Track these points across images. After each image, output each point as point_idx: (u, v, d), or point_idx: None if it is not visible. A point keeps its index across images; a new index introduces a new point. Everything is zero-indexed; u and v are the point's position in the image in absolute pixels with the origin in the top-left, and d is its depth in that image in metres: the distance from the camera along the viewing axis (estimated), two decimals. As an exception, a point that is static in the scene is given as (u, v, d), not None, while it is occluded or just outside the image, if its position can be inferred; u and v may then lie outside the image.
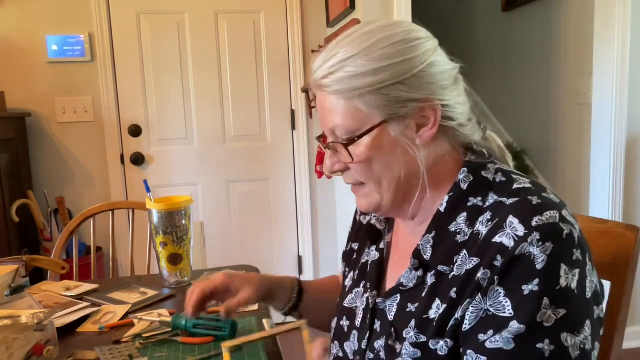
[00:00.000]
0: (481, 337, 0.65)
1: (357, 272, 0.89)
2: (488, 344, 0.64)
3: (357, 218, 0.97)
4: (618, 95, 2.24)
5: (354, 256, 0.93)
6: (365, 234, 0.92)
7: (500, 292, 0.65)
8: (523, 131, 3.11)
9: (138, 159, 2.80)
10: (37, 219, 2.57)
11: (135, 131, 2.78)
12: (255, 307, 1.15)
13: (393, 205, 0.77)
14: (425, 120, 0.72)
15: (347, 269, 0.96)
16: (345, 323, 0.86)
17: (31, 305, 1.12)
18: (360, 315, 0.83)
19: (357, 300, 0.85)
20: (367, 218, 0.93)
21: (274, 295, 0.97)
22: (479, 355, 0.65)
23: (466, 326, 0.66)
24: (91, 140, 2.75)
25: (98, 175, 2.78)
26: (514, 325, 0.63)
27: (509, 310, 0.64)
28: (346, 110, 0.71)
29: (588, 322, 0.64)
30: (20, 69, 2.63)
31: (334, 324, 0.89)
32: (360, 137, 0.72)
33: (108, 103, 2.72)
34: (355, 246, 0.94)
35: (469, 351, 0.66)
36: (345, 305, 0.87)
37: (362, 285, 0.86)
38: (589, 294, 0.65)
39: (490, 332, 0.64)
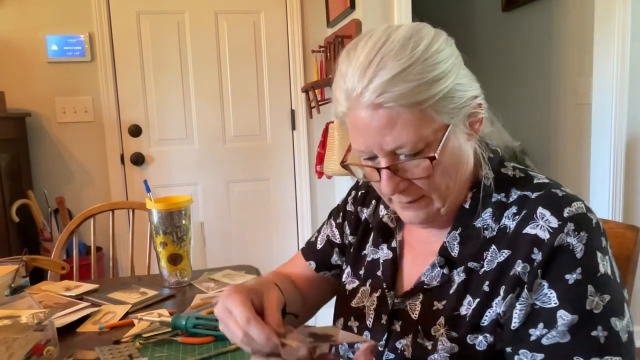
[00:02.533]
0: (532, 331, 0.65)
1: (362, 270, 0.88)
2: (544, 341, 0.64)
3: (352, 207, 0.94)
4: (618, 95, 2.24)
5: (352, 251, 0.92)
6: (366, 229, 0.90)
7: (545, 285, 0.65)
8: (523, 131, 3.10)
9: (138, 159, 2.80)
10: (37, 219, 2.57)
11: (135, 131, 2.78)
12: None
13: (449, 210, 0.74)
14: (475, 116, 0.71)
15: (343, 264, 0.94)
16: (354, 324, 0.84)
17: (31, 305, 1.12)
18: (372, 315, 0.81)
19: (365, 299, 0.84)
20: (366, 211, 0.91)
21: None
22: (534, 354, 0.65)
23: (515, 324, 0.67)
24: (91, 140, 2.75)
25: (98, 175, 2.78)
26: (566, 317, 0.63)
27: (554, 300, 0.64)
28: (417, 122, 0.65)
29: (625, 305, 0.66)
30: (20, 69, 2.62)
31: (339, 325, 0.88)
32: (439, 147, 0.66)
33: (108, 103, 2.72)
34: (353, 239, 0.92)
35: (522, 350, 0.66)
36: (353, 305, 0.85)
37: (368, 284, 0.85)
38: (618, 279, 0.68)
39: (541, 325, 0.65)
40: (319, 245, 0.99)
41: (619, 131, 2.26)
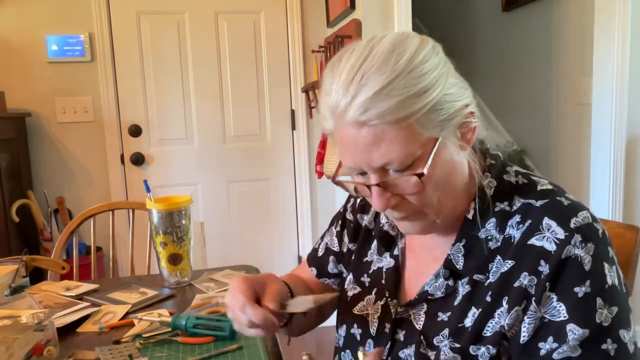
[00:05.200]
0: (541, 345, 0.65)
1: (365, 278, 0.87)
2: (555, 356, 0.64)
3: (351, 216, 0.94)
4: (618, 95, 2.24)
5: (352, 257, 0.91)
6: (366, 236, 0.90)
7: (553, 298, 0.65)
8: (523, 131, 3.11)
9: (138, 159, 2.80)
10: (37, 219, 2.57)
11: (135, 131, 2.78)
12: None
13: (445, 220, 0.72)
14: (466, 126, 0.69)
15: (345, 272, 0.94)
16: (357, 331, 0.84)
17: (31, 305, 1.12)
18: (376, 324, 0.81)
19: (369, 307, 0.83)
20: (366, 218, 0.91)
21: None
22: None
23: (524, 338, 0.66)
24: (91, 140, 2.75)
25: (98, 175, 2.78)
26: (577, 331, 0.63)
27: (563, 314, 0.64)
28: (404, 138, 0.63)
29: (631, 316, 0.66)
30: (20, 69, 2.62)
31: (342, 332, 0.87)
32: (428, 161, 0.64)
33: (108, 103, 2.72)
34: (353, 247, 0.92)
35: None
36: (356, 312, 0.85)
37: (374, 293, 0.84)
38: (624, 289, 0.67)
39: (550, 338, 0.64)
40: (320, 253, 0.99)
41: (619, 131, 2.26)
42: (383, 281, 0.83)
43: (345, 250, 0.94)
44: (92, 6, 2.65)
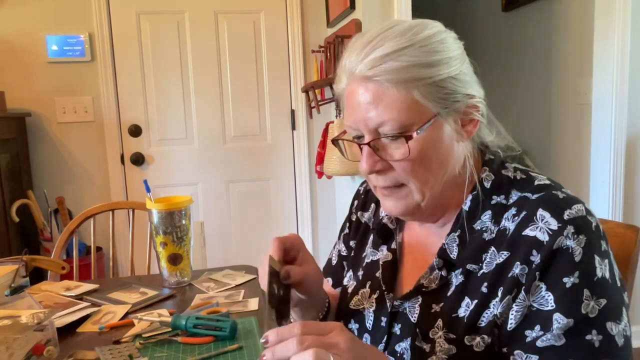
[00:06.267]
0: (528, 333, 0.66)
1: (360, 271, 0.87)
2: (539, 343, 0.64)
3: (354, 216, 0.95)
4: (618, 95, 2.24)
5: (352, 254, 0.92)
6: (365, 231, 0.91)
7: (542, 287, 0.66)
8: (523, 131, 3.10)
9: (138, 159, 2.80)
10: (37, 219, 2.57)
11: (135, 131, 2.78)
12: (255, 307, 1.15)
13: (430, 206, 0.74)
14: (467, 116, 0.72)
15: (345, 267, 0.95)
16: (353, 326, 0.84)
17: (31, 305, 1.12)
18: (372, 318, 0.81)
19: (364, 301, 0.83)
20: (366, 215, 0.92)
21: (316, 296, 0.85)
22: (529, 355, 0.65)
23: (511, 325, 0.67)
24: (91, 140, 2.75)
25: (98, 175, 2.78)
26: (562, 321, 0.63)
27: (551, 303, 0.65)
28: (403, 102, 0.67)
29: (624, 309, 0.66)
30: (20, 69, 2.63)
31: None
32: (420, 130, 0.68)
33: (108, 103, 2.72)
34: (353, 244, 0.93)
35: (517, 351, 0.66)
36: (352, 307, 0.85)
37: (368, 286, 0.84)
38: (618, 282, 0.68)
39: (537, 327, 0.65)
40: (334, 262, 1.00)
41: (619, 131, 2.26)
42: (378, 274, 0.84)
43: (348, 250, 0.95)
44: (92, 6, 2.65)
